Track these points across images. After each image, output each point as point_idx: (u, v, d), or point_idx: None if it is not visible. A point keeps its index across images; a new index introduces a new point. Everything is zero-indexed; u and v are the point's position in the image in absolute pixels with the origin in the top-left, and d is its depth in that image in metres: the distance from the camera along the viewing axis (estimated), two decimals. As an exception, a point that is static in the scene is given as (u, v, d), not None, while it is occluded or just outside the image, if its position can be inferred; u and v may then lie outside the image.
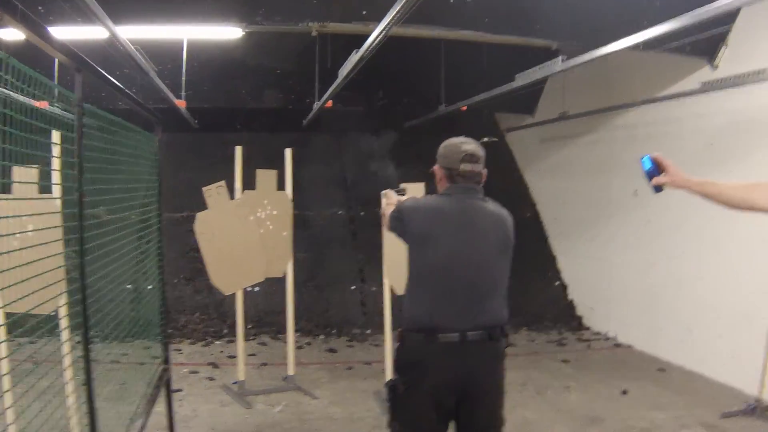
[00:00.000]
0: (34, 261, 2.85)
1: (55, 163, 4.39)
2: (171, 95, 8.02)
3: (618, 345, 9.07)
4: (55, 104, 3.88)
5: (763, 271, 6.51)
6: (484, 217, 3.48)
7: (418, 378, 3.35)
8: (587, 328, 9.97)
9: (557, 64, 6.58)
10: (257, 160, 7.09)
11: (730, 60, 7.07)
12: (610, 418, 6.20)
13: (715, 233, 7.16)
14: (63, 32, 5.70)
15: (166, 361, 5.02)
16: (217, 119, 10.76)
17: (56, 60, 5.67)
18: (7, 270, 2.79)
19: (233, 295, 6.78)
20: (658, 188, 3.00)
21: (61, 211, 4.24)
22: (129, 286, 4.63)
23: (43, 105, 3.57)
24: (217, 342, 8.87)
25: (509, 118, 11.99)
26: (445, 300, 3.35)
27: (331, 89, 7.70)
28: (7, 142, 2.37)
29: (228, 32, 7.14)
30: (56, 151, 4.13)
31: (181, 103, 8.50)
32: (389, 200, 4.12)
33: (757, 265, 6.62)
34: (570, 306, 10.47)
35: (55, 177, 4.21)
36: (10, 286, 2.81)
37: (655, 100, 8.02)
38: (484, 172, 3.53)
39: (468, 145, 3.49)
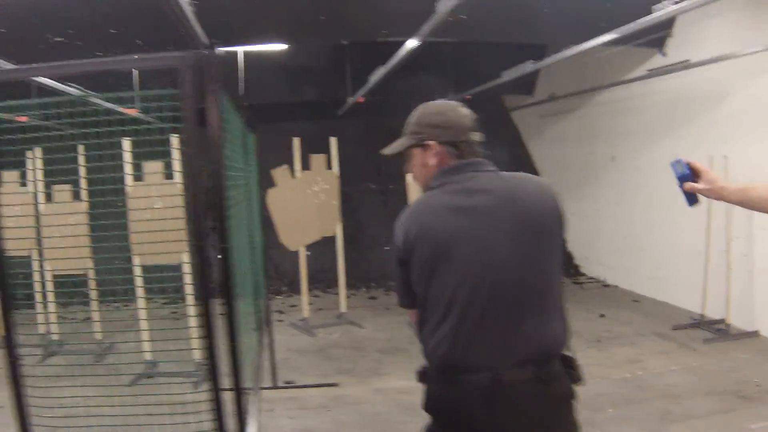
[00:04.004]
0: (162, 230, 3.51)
1: (176, 157, 6.43)
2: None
3: (606, 285, 11.02)
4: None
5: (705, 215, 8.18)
6: (515, 197, 2.40)
7: None
8: (583, 275, 11.84)
9: (528, 66, 8.58)
10: (305, 145, 8.95)
11: (676, 47, 8.83)
12: (586, 332, 8.15)
13: (675, 188, 9.01)
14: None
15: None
16: (269, 113, 12.11)
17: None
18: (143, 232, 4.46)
19: (290, 258, 8.84)
20: (692, 198, 2.65)
21: (182, 194, 6.17)
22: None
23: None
24: (278, 297, 10.93)
25: (513, 98, 13.73)
26: (469, 326, 2.36)
27: (361, 91, 9.68)
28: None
29: (277, 46, 8.84)
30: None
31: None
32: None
33: (703, 210, 8.17)
34: (569, 257, 12.22)
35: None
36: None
37: (623, 83, 9.76)
38: None
39: (463, 108, 2.57)
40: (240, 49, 9.53)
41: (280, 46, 8.83)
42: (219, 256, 2.78)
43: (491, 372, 2.33)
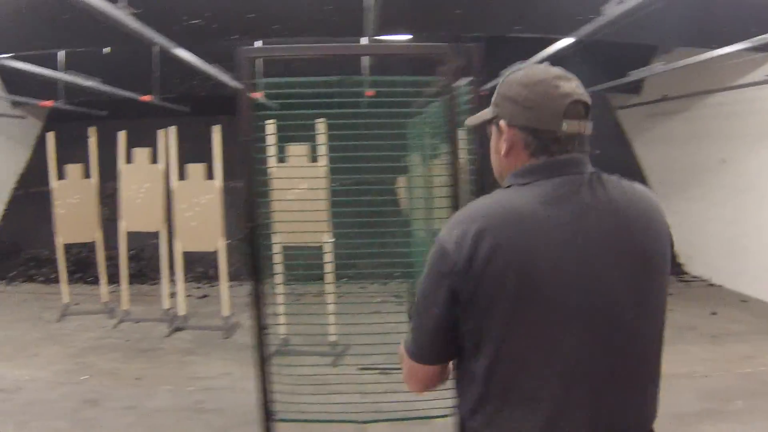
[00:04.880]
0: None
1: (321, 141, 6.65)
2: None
3: (711, 285, 11.01)
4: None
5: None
6: (629, 218, 1.80)
7: None
8: (687, 273, 11.79)
9: (658, 67, 8.63)
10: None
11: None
12: (701, 327, 8.32)
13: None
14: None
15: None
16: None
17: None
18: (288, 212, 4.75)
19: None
20: None
21: (327, 176, 6.48)
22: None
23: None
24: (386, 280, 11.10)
25: (619, 97, 13.70)
26: (573, 411, 1.71)
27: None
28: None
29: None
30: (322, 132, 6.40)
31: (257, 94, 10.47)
32: None
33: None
34: (673, 256, 12.24)
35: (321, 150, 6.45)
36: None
37: (740, 87, 9.72)
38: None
39: (568, 82, 1.85)
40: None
41: (404, 37, 8.73)
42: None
43: None
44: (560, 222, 1.72)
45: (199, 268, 10.73)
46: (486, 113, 1.97)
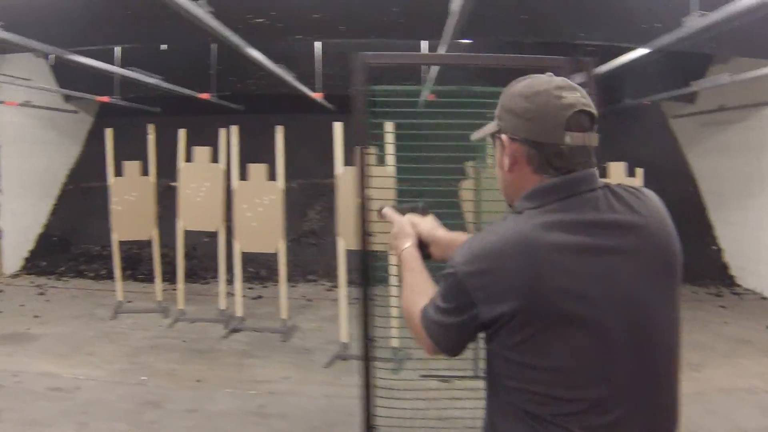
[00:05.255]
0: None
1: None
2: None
3: (764, 298, 10.82)
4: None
5: None
6: (652, 229, 1.78)
7: None
8: (739, 285, 11.60)
9: (723, 78, 8.45)
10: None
11: None
12: (757, 342, 8.13)
13: None
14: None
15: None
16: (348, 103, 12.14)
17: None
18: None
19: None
20: None
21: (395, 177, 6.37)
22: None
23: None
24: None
25: (673, 106, 13.59)
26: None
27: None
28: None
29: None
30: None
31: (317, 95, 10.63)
32: (398, 231, 2.30)
33: None
34: (725, 267, 11.99)
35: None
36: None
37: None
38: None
39: (572, 92, 1.76)
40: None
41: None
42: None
43: None
44: (586, 247, 1.67)
45: (250, 268, 10.69)
46: (490, 127, 1.92)
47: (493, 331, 1.72)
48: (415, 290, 2.02)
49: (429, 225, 2.34)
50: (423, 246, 2.26)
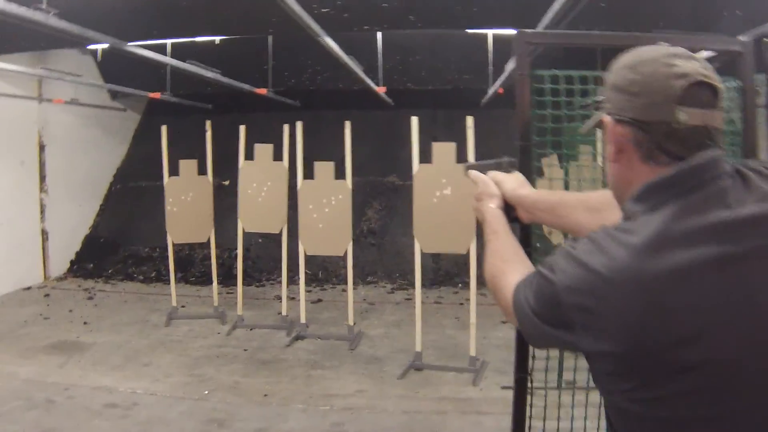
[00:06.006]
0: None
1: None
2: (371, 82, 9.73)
3: None
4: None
5: None
6: None
7: None
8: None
9: None
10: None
11: None
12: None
13: None
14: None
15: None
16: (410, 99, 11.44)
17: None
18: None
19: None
20: None
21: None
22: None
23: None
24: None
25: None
26: None
27: (500, 80, 9.26)
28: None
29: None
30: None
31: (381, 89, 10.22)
32: (481, 191, 2.11)
33: None
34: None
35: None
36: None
37: None
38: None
39: (689, 60, 1.39)
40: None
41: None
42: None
43: None
44: (714, 262, 1.26)
45: (307, 269, 10.26)
46: (599, 115, 1.55)
47: (596, 363, 1.40)
48: (503, 256, 1.81)
49: (514, 183, 2.10)
50: (509, 208, 2.06)
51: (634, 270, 1.28)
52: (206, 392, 6.21)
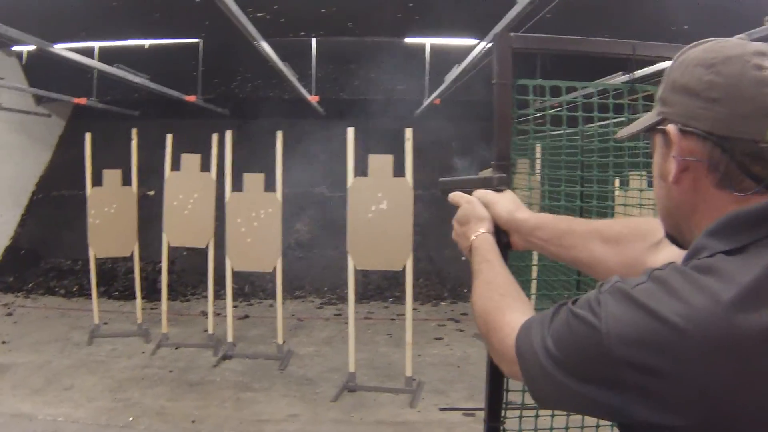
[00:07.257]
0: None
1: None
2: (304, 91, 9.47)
3: None
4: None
5: None
6: None
7: None
8: None
9: None
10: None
11: None
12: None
13: None
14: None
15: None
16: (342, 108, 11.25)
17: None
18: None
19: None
20: None
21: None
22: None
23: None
24: (442, 303, 10.35)
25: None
26: None
27: (437, 91, 9.10)
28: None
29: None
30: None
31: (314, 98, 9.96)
32: (466, 214, 1.78)
33: None
34: None
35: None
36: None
37: None
38: None
39: None
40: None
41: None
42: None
43: None
44: None
45: (234, 283, 9.96)
46: (648, 117, 1.22)
47: None
48: (499, 290, 1.49)
49: (509, 204, 1.76)
50: (500, 232, 1.74)
51: (723, 325, 0.97)
52: (131, 419, 5.84)
